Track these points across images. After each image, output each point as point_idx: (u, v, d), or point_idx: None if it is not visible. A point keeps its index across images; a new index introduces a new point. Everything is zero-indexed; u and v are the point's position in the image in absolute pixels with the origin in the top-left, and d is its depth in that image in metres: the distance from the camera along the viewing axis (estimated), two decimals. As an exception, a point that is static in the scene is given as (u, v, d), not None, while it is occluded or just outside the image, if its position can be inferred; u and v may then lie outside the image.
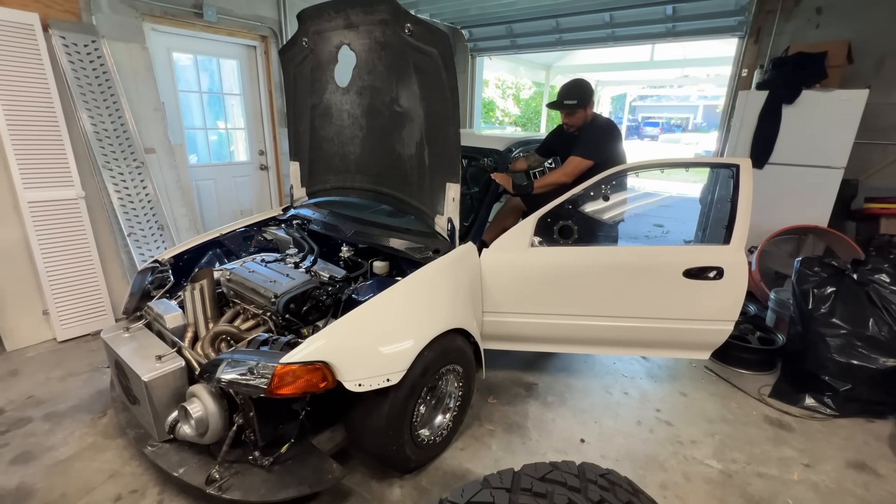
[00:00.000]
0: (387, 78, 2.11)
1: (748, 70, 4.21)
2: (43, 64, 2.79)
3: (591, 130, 2.54)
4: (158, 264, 2.34)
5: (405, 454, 1.83)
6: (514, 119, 12.56)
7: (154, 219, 3.34)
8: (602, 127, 2.56)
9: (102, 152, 3.10)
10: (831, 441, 2.25)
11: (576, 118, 2.53)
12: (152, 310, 2.10)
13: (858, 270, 2.50)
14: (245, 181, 4.42)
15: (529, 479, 0.80)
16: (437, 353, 1.84)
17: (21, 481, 1.85)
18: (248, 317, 2.11)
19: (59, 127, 2.87)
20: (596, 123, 2.58)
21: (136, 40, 3.30)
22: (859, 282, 2.47)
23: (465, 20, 5.82)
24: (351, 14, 2.09)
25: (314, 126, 2.57)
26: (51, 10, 2.90)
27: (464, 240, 2.19)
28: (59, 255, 2.93)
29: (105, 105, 3.11)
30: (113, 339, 1.99)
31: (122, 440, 2.08)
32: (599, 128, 2.55)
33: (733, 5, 4.26)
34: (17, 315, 2.88)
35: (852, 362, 2.37)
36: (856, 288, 2.47)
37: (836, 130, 3.37)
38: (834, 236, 3.48)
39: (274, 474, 1.67)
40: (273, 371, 1.52)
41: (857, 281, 2.48)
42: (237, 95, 4.25)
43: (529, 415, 2.39)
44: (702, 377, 2.79)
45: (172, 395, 1.79)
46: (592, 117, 2.57)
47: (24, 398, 2.39)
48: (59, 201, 2.91)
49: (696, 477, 2.00)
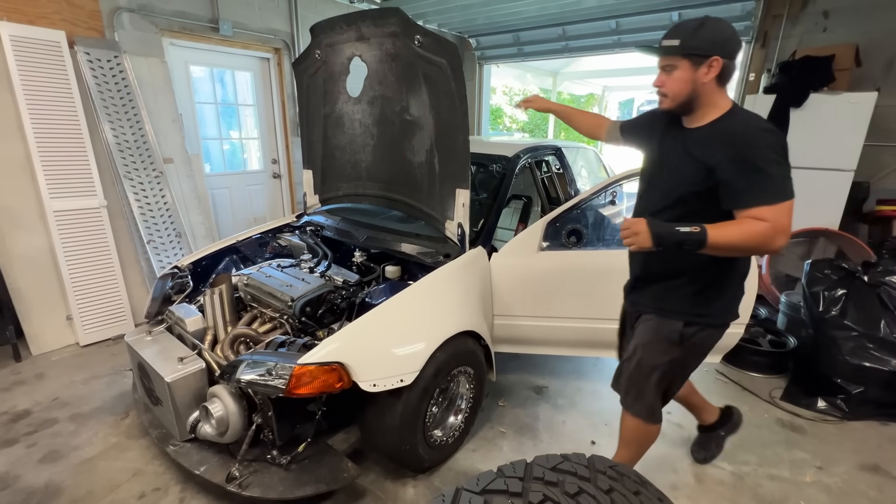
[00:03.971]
0: (397, 88, 2.17)
1: (755, 74, 4.22)
2: (69, 79, 2.92)
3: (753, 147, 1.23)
4: (178, 270, 2.42)
5: (418, 454, 1.87)
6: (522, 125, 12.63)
7: (172, 226, 3.44)
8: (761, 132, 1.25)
9: (123, 163, 3.21)
10: (844, 444, 2.24)
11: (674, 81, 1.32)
12: (173, 314, 2.18)
13: (869, 272, 2.50)
14: (259, 189, 4.53)
15: (541, 468, 0.84)
16: (449, 354, 1.88)
17: (49, 479, 1.92)
18: (265, 320, 2.17)
19: (83, 139, 2.99)
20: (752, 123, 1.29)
21: (155, 55, 3.42)
22: (870, 284, 2.47)
23: (473, 29, 5.91)
24: (362, 27, 2.16)
25: (326, 135, 2.65)
26: (76, 28, 3.03)
27: (474, 244, 2.23)
28: (82, 262, 3.04)
29: (126, 117, 3.22)
30: (136, 343, 2.07)
31: (144, 440, 2.15)
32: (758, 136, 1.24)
33: (739, 10, 4.28)
34: (41, 320, 2.98)
35: (864, 364, 2.36)
36: (867, 290, 2.47)
37: (845, 133, 3.37)
38: (845, 239, 3.46)
39: (291, 473, 1.72)
40: (291, 372, 1.57)
41: (868, 283, 2.47)
42: (251, 106, 4.37)
43: (540, 417, 2.41)
44: (713, 380, 2.79)
45: (194, 396, 1.85)
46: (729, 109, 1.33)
47: (50, 400, 2.47)
48: (82, 210, 3.02)
49: (708, 479, 2.01)
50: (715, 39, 1.26)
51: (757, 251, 1.24)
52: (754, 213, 1.21)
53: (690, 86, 1.30)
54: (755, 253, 1.28)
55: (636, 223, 1.24)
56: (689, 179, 1.34)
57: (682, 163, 1.37)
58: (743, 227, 1.21)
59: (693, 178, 1.33)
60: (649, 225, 1.23)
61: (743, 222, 1.22)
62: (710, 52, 1.26)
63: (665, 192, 1.42)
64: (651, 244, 1.23)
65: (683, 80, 1.31)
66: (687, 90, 1.31)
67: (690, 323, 1.48)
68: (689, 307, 1.48)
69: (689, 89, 1.31)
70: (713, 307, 1.48)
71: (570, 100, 13.51)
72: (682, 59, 1.29)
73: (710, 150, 1.29)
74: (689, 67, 1.29)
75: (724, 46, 1.27)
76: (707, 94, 1.31)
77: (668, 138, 1.45)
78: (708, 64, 1.27)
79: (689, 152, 1.34)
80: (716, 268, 1.42)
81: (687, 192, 1.35)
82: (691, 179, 1.33)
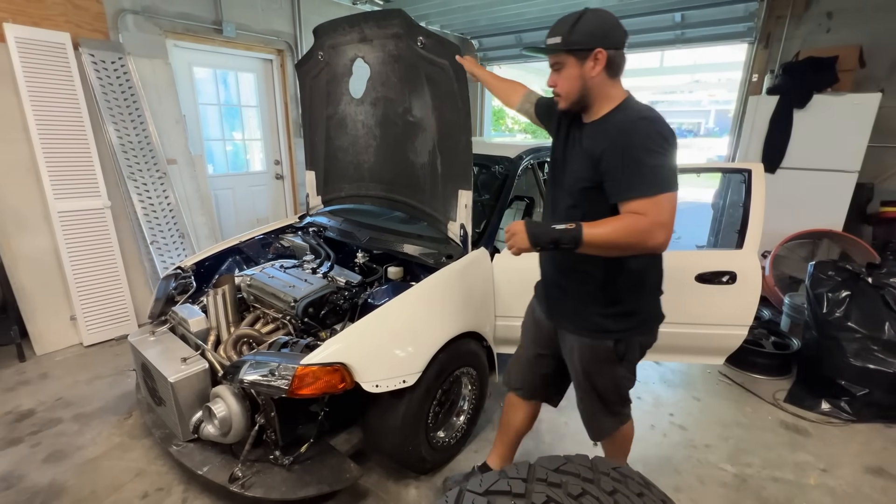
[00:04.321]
0: (400, 89, 2.18)
1: (759, 75, 4.21)
2: (73, 80, 2.93)
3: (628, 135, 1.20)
4: (181, 271, 2.43)
5: (421, 455, 1.87)
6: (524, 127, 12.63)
7: (175, 227, 3.45)
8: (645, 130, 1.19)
9: (127, 163, 3.23)
10: (848, 446, 2.23)
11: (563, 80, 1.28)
12: (177, 314, 2.18)
13: (874, 274, 2.49)
14: (261, 190, 4.54)
15: (544, 470, 0.84)
16: (452, 355, 1.88)
17: (53, 479, 1.93)
18: (268, 321, 2.18)
19: (87, 140, 3.01)
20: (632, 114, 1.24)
21: (159, 56, 3.44)
22: (875, 285, 2.46)
23: (475, 30, 5.91)
24: (365, 28, 2.17)
25: (329, 136, 2.65)
26: (81, 30, 3.05)
27: (476, 245, 2.23)
28: (86, 262, 3.05)
29: (130, 118, 3.24)
30: (140, 343, 2.07)
31: (147, 440, 2.16)
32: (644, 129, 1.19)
33: (742, 11, 4.27)
34: (46, 320, 3.00)
35: (869, 366, 2.35)
36: (871, 292, 2.46)
37: (848, 134, 3.36)
38: (849, 240, 3.45)
39: (294, 473, 1.72)
40: (294, 372, 1.57)
41: (872, 285, 2.46)
42: (254, 107, 4.38)
43: (542, 418, 2.40)
44: (716, 382, 2.78)
45: (197, 396, 1.86)
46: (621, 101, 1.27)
47: (54, 400, 2.48)
48: (86, 211, 3.03)
49: (711, 481, 2.00)
50: (595, 32, 1.21)
51: (635, 248, 1.14)
52: (633, 207, 1.14)
53: (580, 82, 1.25)
54: (634, 250, 1.15)
55: (515, 224, 1.20)
56: (582, 175, 1.30)
57: (577, 157, 1.33)
58: (619, 222, 1.13)
59: (584, 173, 1.28)
60: (526, 225, 1.19)
61: (621, 217, 1.15)
62: (593, 44, 1.20)
63: (566, 188, 1.37)
64: (529, 245, 1.18)
65: (572, 78, 1.26)
66: (577, 87, 1.26)
67: (621, 340, 1.42)
68: (612, 324, 1.40)
69: (579, 86, 1.26)
70: (636, 318, 1.41)
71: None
72: (567, 55, 1.24)
73: (597, 142, 1.25)
74: (576, 63, 1.24)
75: (605, 37, 1.21)
76: (598, 87, 1.26)
77: (569, 133, 1.41)
78: (593, 57, 1.21)
79: (582, 146, 1.31)
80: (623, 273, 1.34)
81: (582, 188, 1.30)
82: (583, 175, 1.29)
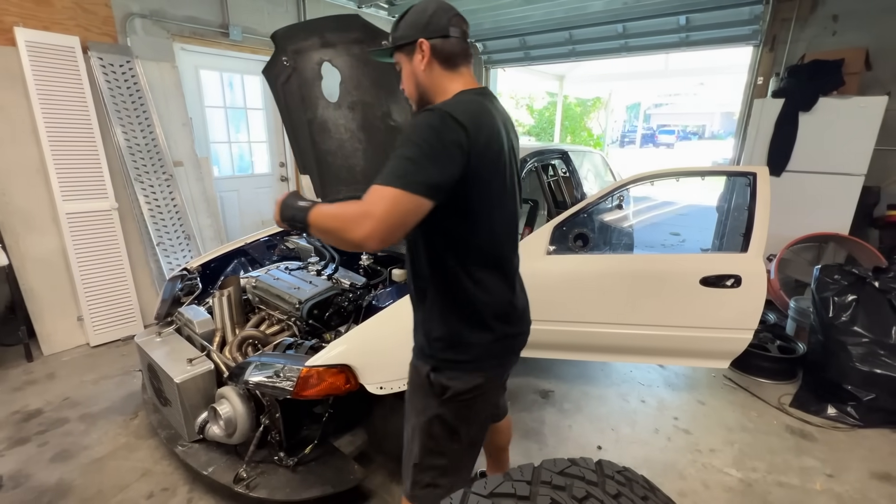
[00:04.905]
0: (375, 93, 2.13)
1: (764, 78, 4.20)
2: (82, 83, 2.97)
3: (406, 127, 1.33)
4: (187, 272, 2.45)
5: (424, 457, 1.87)
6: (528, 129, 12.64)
7: (181, 229, 3.48)
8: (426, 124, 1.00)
9: (134, 165, 3.26)
10: (855, 451, 2.21)
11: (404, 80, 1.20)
12: (182, 315, 2.20)
13: (880, 278, 2.48)
14: (266, 192, 4.56)
15: (549, 472, 0.84)
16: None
17: (60, 478, 1.95)
18: (273, 322, 2.19)
19: (95, 142, 3.04)
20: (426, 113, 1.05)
21: (166, 59, 3.47)
22: (881, 289, 2.44)
23: (480, 33, 5.93)
24: (325, 33, 2.07)
25: (315, 140, 2.57)
26: (90, 34, 3.08)
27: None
28: (94, 263, 3.08)
29: (138, 121, 3.27)
30: (146, 343, 2.09)
31: (153, 440, 2.17)
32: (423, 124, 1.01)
33: (747, 14, 4.27)
34: (53, 321, 3.03)
35: (875, 371, 2.33)
36: (878, 296, 2.44)
37: (855, 137, 3.35)
38: (855, 244, 3.43)
39: (298, 474, 1.73)
40: (298, 374, 1.58)
41: (878, 289, 2.45)
42: (259, 110, 4.42)
43: (546, 421, 2.41)
44: (721, 386, 2.77)
45: (202, 397, 1.87)
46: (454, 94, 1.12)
47: (61, 400, 2.50)
48: (94, 212, 3.06)
49: (716, 485, 2.00)
50: (416, 22, 1.11)
51: (340, 237, 0.95)
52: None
53: (414, 79, 1.16)
54: (340, 240, 0.96)
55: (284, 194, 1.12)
56: None
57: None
58: (342, 205, 0.97)
59: None
60: (286, 195, 1.10)
61: (347, 202, 0.96)
62: (415, 36, 1.11)
63: None
64: (276, 216, 1.09)
65: (408, 76, 1.17)
66: (412, 84, 1.17)
67: (437, 368, 1.15)
68: (428, 346, 1.17)
69: (414, 82, 1.16)
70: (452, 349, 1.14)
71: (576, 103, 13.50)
72: (399, 54, 1.16)
73: None
74: (407, 60, 1.15)
75: (426, 26, 1.10)
76: (432, 82, 1.14)
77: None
78: (419, 49, 1.11)
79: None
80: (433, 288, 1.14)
81: None
82: None
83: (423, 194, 0.91)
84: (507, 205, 1.14)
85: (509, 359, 1.27)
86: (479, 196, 1.04)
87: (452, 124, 0.95)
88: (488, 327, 1.14)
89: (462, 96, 1.09)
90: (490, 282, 1.13)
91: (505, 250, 1.17)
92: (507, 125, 1.15)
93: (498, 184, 1.09)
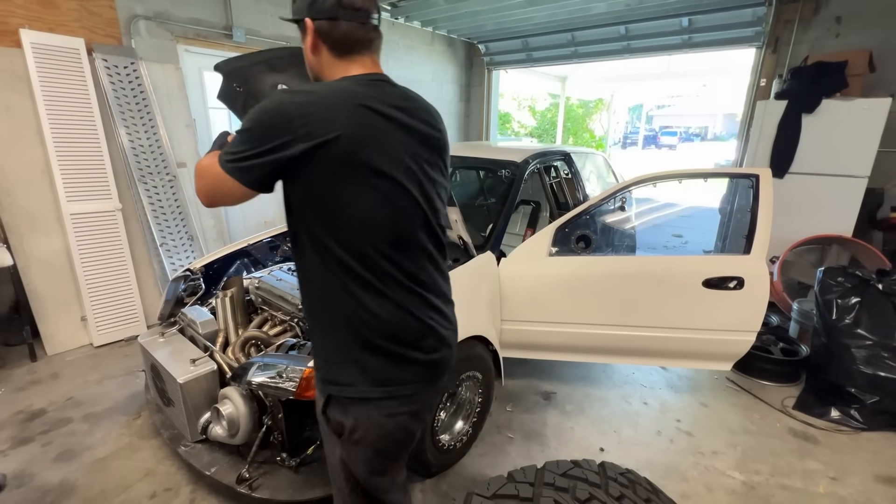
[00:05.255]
0: None
1: (766, 80, 4.20)
2: (87, 85, 2.98)
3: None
4: (190, 273, 2.45)
5: (426, 458, 1.87)
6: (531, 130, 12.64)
7: (184, 229, 3.49)
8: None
9: (138, 166, 3.27)
10: (859, 454, 2.20)
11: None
12: (186, 316, 2.21)
13: (884, 280, 2.47)
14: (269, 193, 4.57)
15: (552, 474, 0.84)
16: (458, 359, 1.88)
17: (64, 478, 1.95)
18: (275, 323, 2.19)
19: (99, 143, 3.05)
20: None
21: (170, 61, 3.49)
22: (885, 292, 2.43)
23: (482, 35, 5.94)
24: (272, 61, 1.97)
25: None
26: (95, 36, 3.10)
27: (483, 249, 2.24)
28: (97, 264, 3.09)
29: (142, 122, 3.29)
30: (149, 344, 2.10)
31: (156, 440, 2.18)
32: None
33: (750, 16, 4.27)
34: (57, 321, 3.04)
35: (879, 374, 2.32)
36: (881, 298, 2.43)
37: (858, 139, 3.34)
38: (859, 246, 3.41)
39: (300, 475, 1.73)
40: (301, 374, 1.58)
41: (882, 291, 2.44)
42: (263, 111, 4.42)
43: (548, 423, 2.40)
44: (723, 388, 2.76)
45: (205, 397, 1.87)
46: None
47: (65, 400, 2.51)
48: (98, 213, 3.08)
49: (718, 488, 1.99)
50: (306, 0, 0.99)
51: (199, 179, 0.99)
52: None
53: (307, 61, 1.05)
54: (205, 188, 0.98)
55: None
56: None
57: None
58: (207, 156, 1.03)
59: None
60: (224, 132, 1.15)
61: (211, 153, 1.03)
62: (300, 14, 1.00)
63: None
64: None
65: (305, 56, 1.05)
66: (307, 66, 1.06)
67: (333, 398, 1.01)
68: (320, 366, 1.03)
69: (308, 65, 1.05)
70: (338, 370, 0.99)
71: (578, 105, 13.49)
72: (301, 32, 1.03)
73: None
74: (302, 41, 1.04)
75: (311, 5, 0.97)
76: (321, 67, 1.03)
77: None
78: (307, 31, 0.99)
79: None
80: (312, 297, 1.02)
81: None
82: None
83: (241, 182, 0.90)
84: (396, 203, 0.95)
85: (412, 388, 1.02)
86: (334, 192, 0.90)
87: (290, 111, 0.87)
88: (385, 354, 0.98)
89: (334, 83, 0.97)
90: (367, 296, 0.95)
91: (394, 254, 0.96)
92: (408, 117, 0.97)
93: (366, 180, 0.91)
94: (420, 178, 0.97)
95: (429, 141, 1.00)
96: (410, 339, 0.99)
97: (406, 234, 0.97)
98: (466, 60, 6.53)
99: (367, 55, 1.01)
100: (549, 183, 3.17)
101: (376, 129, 0.92)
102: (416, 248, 0.99)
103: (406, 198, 0.96)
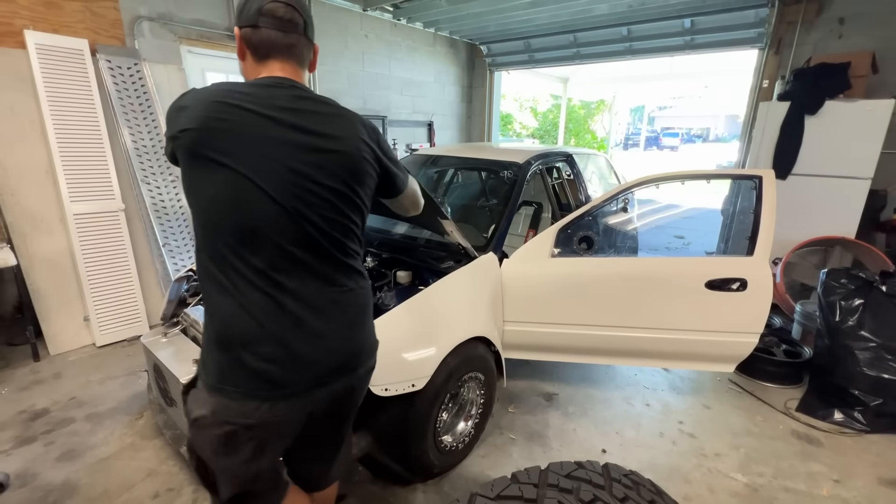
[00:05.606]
0: None
1: (769, 81, 4.20)
2: (90, 86, 3.00)
3: None
4: (193, 273, 2.45)
5: (429, 459, 1.87)
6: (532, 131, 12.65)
7: (187, 230, 3.50)
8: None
9: (141, 167, 3.28)
10: (862, 457, 2.19)
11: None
12: (188, 316, 2.21)
13: (888, 282, 2.46)
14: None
15: (556, 475, 0.84)
16: (460, 360, 1.89)
17: (67, 477, 1.96)
18: (277, 323, 2.19)
19: (103, 144, 3.06)
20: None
21: (173, 62, 3.50)
22: (888, 294, 2.42)
23: (484, 36, 5.95)
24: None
25: None
26: (98, 37, 3.11)
27: (484, 250, 2.24)
28: (100, 264, 3.10)
29: (145, 123, 3.30)
30: (152, 344, 2.10)
31: (158, 440, 2.18)
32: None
33: (753, 17, 4.26)
34: (60, 321, 3.05)
35: (883, 376, 2.32)
36: (885, 300, 2.43)
37: (861, 141, 3.33)
38: (862, 248, 3.41)
39: (303, 476, 1.72)
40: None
41: (886, 293, 2.43)
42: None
43: (550, 424, 2.40)
44: (726, 390, 2.75)
45: (208, 398, 1.87)
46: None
47: (67, 399, 2.52)
48: (101, 213, 3.08)
49: (721, 490, 1.98)
50: (238, 8, 1.05)
51: None
52: None
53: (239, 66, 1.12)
54: None
55: None
56: None
57: None
58: None
59: None
60: None
61: None
62: (235, 23, 1.06)
63: None
64: None
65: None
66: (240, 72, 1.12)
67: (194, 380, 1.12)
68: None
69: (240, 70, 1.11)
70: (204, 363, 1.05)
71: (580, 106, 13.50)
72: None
73: None
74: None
75: (239, 13, 1.04)
76: (246, 71, 1.10)
77: None
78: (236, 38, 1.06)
79: None
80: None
81: None
82: None
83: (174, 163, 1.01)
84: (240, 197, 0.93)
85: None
86: (187, 182, 0.96)
87: (173, 109, 0.98)
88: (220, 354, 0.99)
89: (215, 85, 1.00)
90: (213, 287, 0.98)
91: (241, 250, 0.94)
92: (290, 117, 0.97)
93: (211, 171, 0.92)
94: (290, 178, 0.95)
95: (313, 145, 0.97)
96: (243, 340, 0.96)
97: (255, 231, 0.94)
98: (468, 62, 6.54)
99: (284, 60, 1.05)
100: (552, 184, 3.17)
101: (230, 122, 0.93)
102: (272, 248, 0.96)
103: (256, 193, 0.93)
